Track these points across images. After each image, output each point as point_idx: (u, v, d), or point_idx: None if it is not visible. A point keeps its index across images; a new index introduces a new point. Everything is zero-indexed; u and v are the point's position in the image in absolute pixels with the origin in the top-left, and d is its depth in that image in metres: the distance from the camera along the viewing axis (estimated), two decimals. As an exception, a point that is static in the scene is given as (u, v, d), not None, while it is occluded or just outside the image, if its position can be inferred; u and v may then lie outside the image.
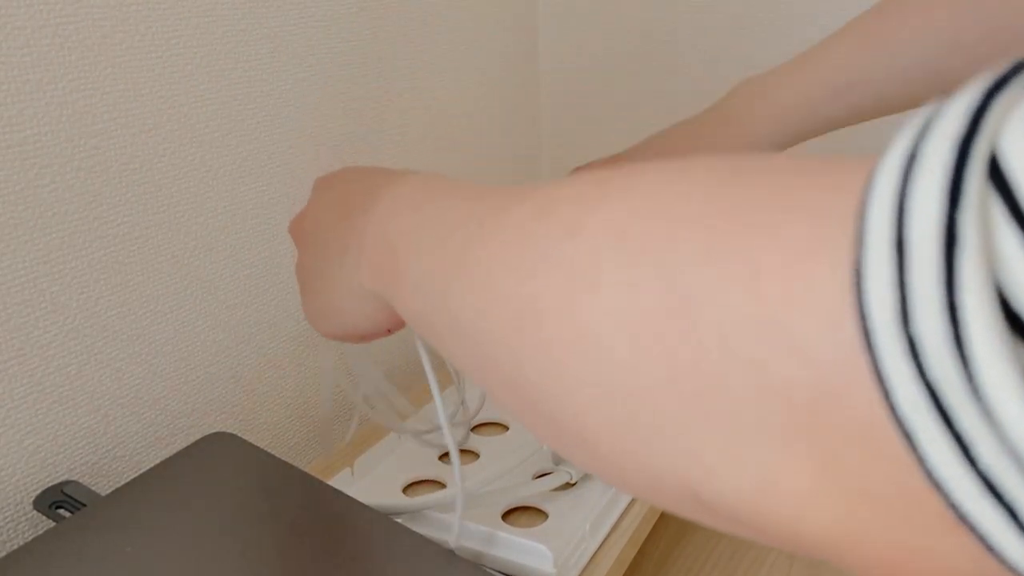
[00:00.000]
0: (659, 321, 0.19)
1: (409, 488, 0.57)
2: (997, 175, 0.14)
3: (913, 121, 0.15)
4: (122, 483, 0.48)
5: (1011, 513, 0.13)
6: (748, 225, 0.18)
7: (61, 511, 0.47)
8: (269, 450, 0.51)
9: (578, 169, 0.63)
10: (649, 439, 0.21)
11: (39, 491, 0.48)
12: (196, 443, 0.51)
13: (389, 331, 0.41)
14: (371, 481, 0.57)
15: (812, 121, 0.54)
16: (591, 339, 0.21)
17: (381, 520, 0.47)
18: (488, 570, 0.45)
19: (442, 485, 0.56)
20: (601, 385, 0.21)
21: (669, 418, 0.20)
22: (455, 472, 0.45)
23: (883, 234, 0.14)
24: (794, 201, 0.18)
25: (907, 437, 0.14)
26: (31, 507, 0.48)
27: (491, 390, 0.27)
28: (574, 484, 0.54)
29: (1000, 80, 0.15)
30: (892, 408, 0.15)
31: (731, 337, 0.18)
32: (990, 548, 0.14)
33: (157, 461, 0.51)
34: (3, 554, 0.45)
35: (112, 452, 0.53)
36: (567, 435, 0.24)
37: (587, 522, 0.50)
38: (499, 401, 0.27)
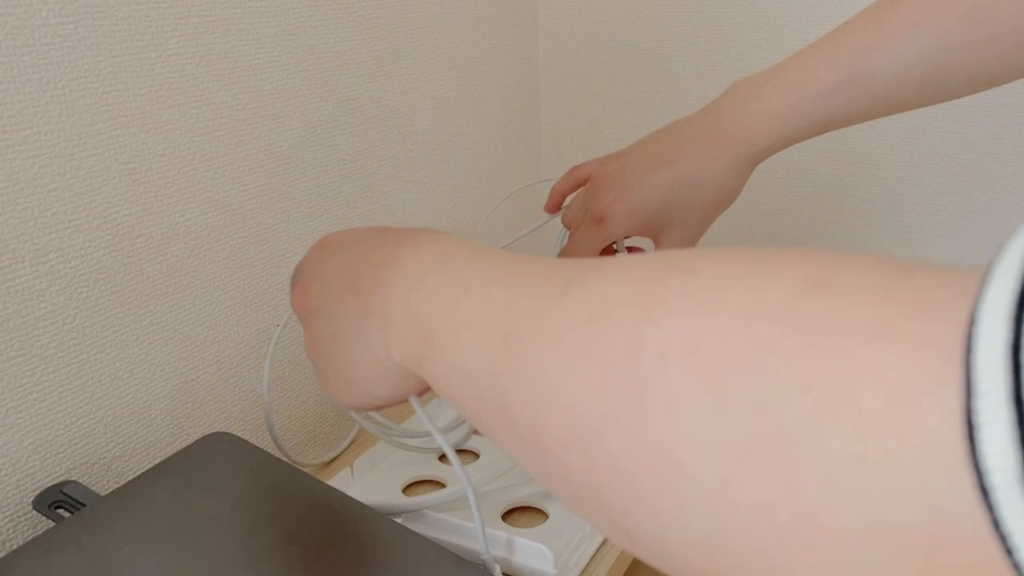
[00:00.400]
0: (748, 448, 0.19)
1: (409, 488, 0.57)
2: None
3: (1013, 252, 0.15)
4: (122, 483, 0.48)
5: None
6: (841, 353, 0.18)
7: (61, 511, 0.47)
8: (269, 450, 0.51)
9: (576, 168, 0.63)
10: (737, 561, 0.20)
11: (39, 491, 0.48)
12: (196, 443, 0.51)
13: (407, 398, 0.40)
14: (371, 481, 0.57)
15: (806, 122, 0.54)
16: (669, 461, 0.20)
17: (381, 520, 0.47)
18: (487, 570, 0.45)
19: (442, 485, 0.56)
20: (683, 507, 0.20)
21: (760, 545, 0.19)
22: (458, 471, 0.45)
23: (997, 386, 0.14)
24: (888, 326, 0.17)
25: None
26: (31, 507, 0.48)
27: (554, 491, 0.26)
28: (574, 484, 0.54)
29: None
30: (1016, 565, 0.15)
31: (834, 474, 0.17)
32: None
33: (157, 461, 0.51)
34: (3, 554, 0.45)
35: (112, 452, 0.53)
36: (642, 545, 0.23)
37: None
38: (564, 501, 0.26)
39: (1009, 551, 0.15)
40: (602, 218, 0.57)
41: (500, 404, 0.27)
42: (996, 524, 0.15)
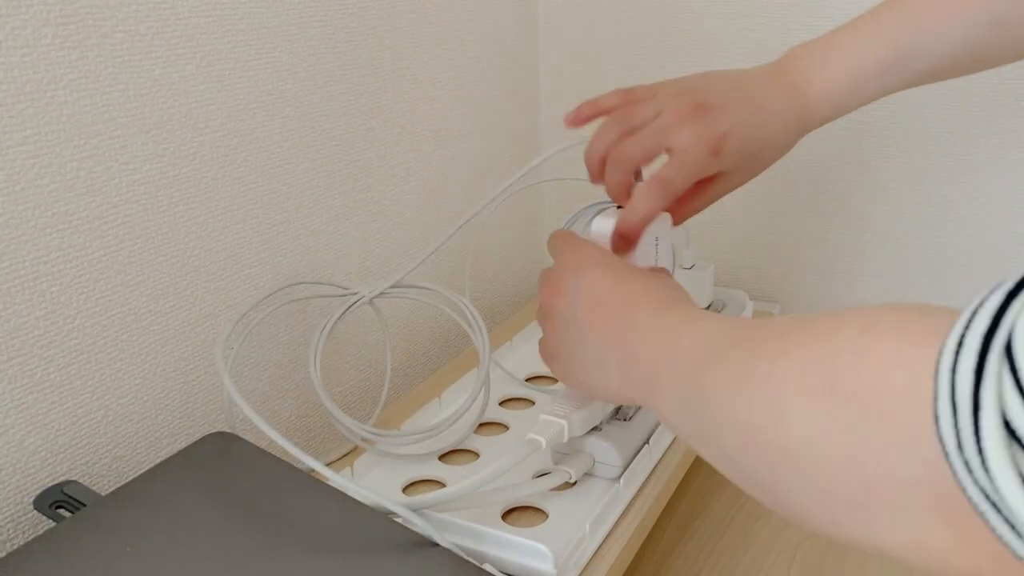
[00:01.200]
0: (835, 439, 0.29)
1: (409, 488, 0.57)
2: (1010, 354, 0.23)
3: (965, 312, 0.25)
4: (122, 483, 0.48)
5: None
6: (865, 378, 0.28)
7: (61, 511, 0.47)
8: (269, 450, 0.51)
9: (635, 90, 0.60)
10: (840, 509, 0.30)
11: (39, 491, 0.48)
12: (196, 443, 0.52)
13: None
14: (371, 481, 0.57)
15: (861, 99, 0.57)
16: (793, 452, 0.31)
17: (381, 520, 0.47)
18: (488, 570, 0.45)
19: (442, 485, 0.56)
20: (808, 485, 0.31)
21: (849, 502, 0.29)
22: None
23: (946, 394, 0.24)
24: (902, 354, 0.27)
25: (978, 513, 0.24)
26: (31, 507, 0.48)
27: (733, 479, 0.37)
28: (574, 484, 0.54)
29: (1017, 286, 0.24)
30: (963, 489, 0.24)
31: (880, 451, 0.27)
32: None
33: (157, 461, 0.51)
34: (3, 554, 0.45)
35: (112, 452, 0.53)
36: (788, 510, 0.33)
37: (587, 522, 0.50)
38: (739, 483, 0.36)
39: (960, 482, 0.24)
40: (719, 149, 0.54)
41: (692, 416, 0.38)
42: (952, 467, 0.24)
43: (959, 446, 0.24)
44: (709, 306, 0.76)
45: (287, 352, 0.64)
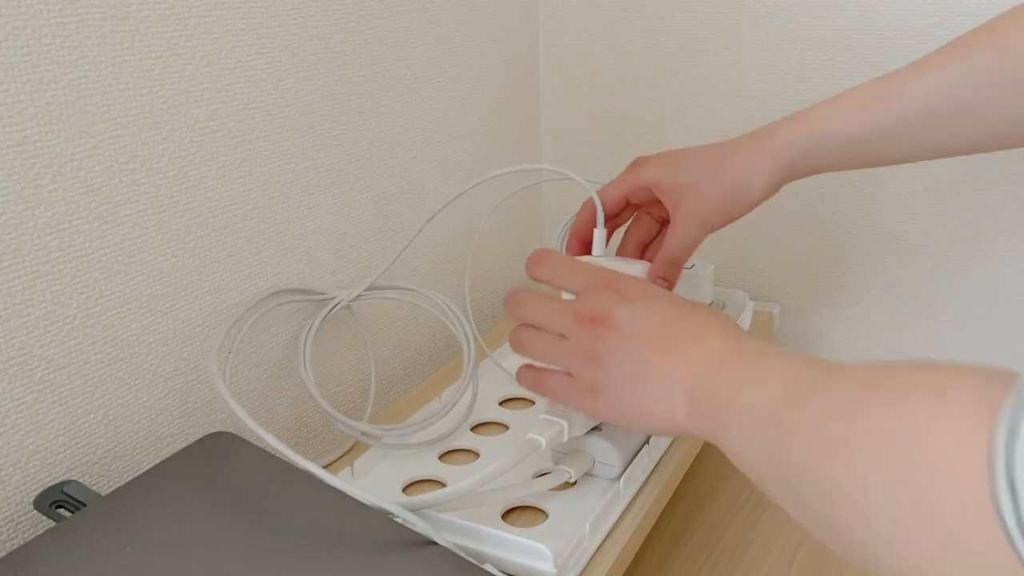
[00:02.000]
0: (909, 508, 0.31)
1: (409, 488, 0.57)
2: None
3: (1010, 400, 0.27)
4: (122, 483, 0.48)
5: None
6: (937, 453, 0.30)
7: (61, 511, 0.47)
8: (269, 450, 0.51)
9: (639, 160, 0.62)
10: (905, 555, 0.32)
11: (39, 491, 0.48)
12: (196, 443, 0.52)
13: None
14: (371, 481, 0.57)
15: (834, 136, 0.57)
16: (872, 516, 0.33)
17: (381, 520, 0.47)
18: (488, 570, 0.45)
19: (442, 485, 0.56)
20: (883, 545, 0.33)
21: (924, 564, 0.31)
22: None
23: (1001, 476, 0.26)
24: (973, 427, 0.29)
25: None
26: (31, 507, 0.48)
27: (804, 523, 0.38)
28: (574, 484, 0.54)
29: None
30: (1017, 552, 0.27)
31: (948, 521, 0.29)
32: None
33: (157, 461, 0.51)
34: (3, 554, 0.45)
35: (112, 452, 0.53)
36: (849, 549, 0.36)
37: (587, 522, 0.50)
38: (809, 527, 0.38)
39: (1015, 547, 0.26)
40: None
41: (769, 459, 0.39)
42: (1009, 537, 0.26)
43: (1019, 524, 0.26)
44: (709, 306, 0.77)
45: (286, 352, 0.64)
